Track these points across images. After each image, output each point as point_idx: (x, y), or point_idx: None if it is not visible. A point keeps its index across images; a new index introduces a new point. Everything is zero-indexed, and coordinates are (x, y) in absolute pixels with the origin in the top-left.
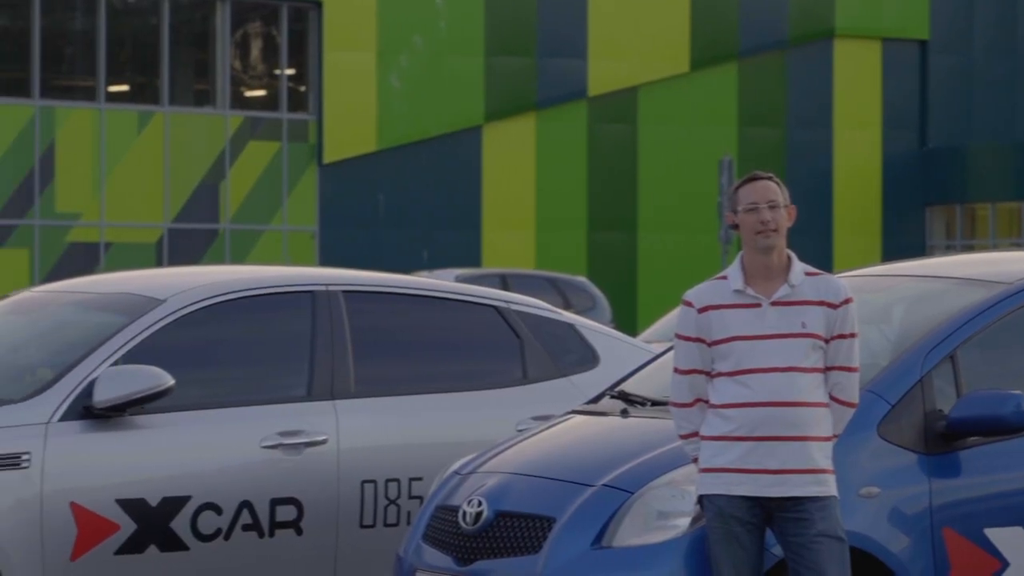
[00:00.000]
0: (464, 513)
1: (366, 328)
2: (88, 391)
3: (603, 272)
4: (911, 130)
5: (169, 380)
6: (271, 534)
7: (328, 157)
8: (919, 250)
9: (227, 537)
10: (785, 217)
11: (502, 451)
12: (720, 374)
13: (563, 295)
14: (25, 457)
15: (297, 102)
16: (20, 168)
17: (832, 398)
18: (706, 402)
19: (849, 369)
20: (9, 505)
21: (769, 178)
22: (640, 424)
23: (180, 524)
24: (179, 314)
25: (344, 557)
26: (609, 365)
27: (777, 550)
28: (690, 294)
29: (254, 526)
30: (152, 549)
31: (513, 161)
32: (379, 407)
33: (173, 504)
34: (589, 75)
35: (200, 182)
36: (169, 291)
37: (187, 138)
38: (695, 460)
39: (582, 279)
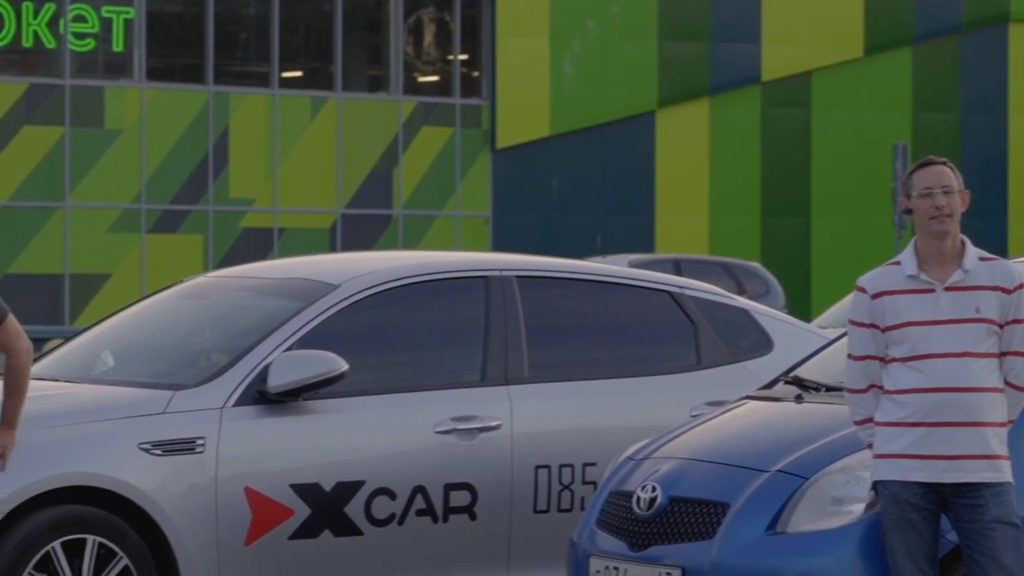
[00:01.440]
0: (638, 499)
1: (540, 313)
2: (262, 376)
3: (776, 257)
4: None
5: (343, 365)
6: (445, 519)
7: (501, 142)
8: None
9: (401, 522)
10: (959, 202)
11: (676, 437)
12: (894, 360)
13: (737, 280)
14: (200, 442)
15: (470, 87)
16: (194, 154)
17: (1007, 383)
18: (880, 388)
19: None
20: (184, 489)
21: (943, 163)
22: (814, 410)
23: (354, 509)
24: (353, 299)
25: (517, 542)
26: (783, 351)
27: (952, 536)
28: (863, 280)
29: (428, 511)
30: (326, 534)
31: (686, 146)
32: (553, 392)
33: (347, 489)
34: (763, 60)
35: (373, 168)
36: (343, 276)
37: (360, 124)
38: (870, 446)
39: (756, 264)
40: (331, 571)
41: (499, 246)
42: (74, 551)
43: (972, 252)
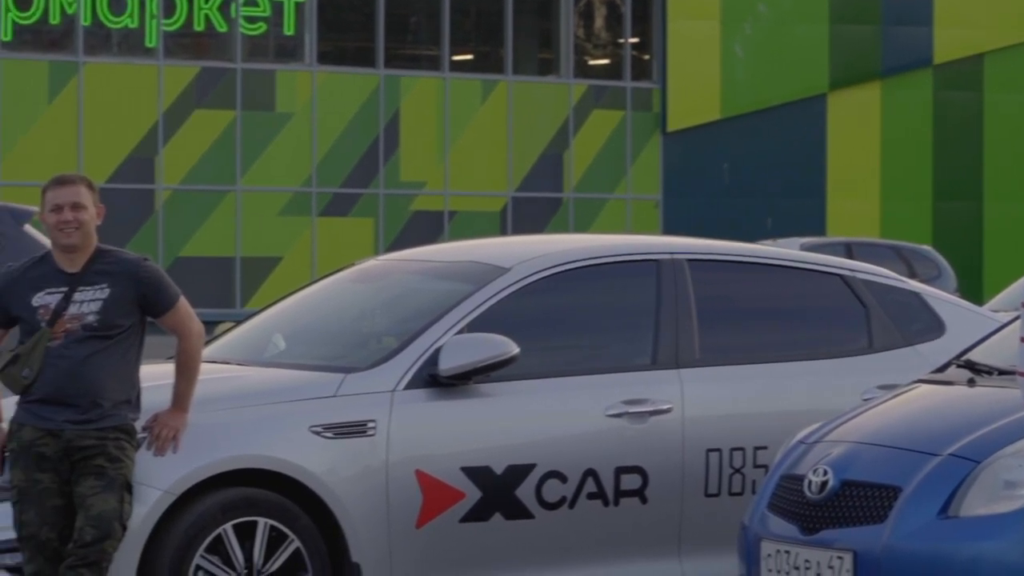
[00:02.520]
0: (809, 482)
1: (711, 296)
2: (433, 359)
3: (948, 241)
4: None
5: (514, 348)
6: (616, 503)
7: (672, 125)
8: None
9: (572, 505)
10: None
11: (847, 420)
12: None
13: (908, 264)
14: (371, 425)
15: (641, 71)
16: (365, 138)
17: None
18: None
19: None
20: (355, 472)
21: None
22: (987, 393)
23: (525, 492)
24: (524, 282)
25: (688, 526)
26: (955, 334)
27: None
28: None
29: (599, 494)
30: (497, 517)
31: (858, 129)
32: (724, 376)
33: (518, 472)
34: (935, 42)
35: (544, 151)
36: (514, 259)
37: (531, 107)
38: None
39: (927, 248)
40: (502, 554)
41: (669, 229)
42: (245, 534)
43: None
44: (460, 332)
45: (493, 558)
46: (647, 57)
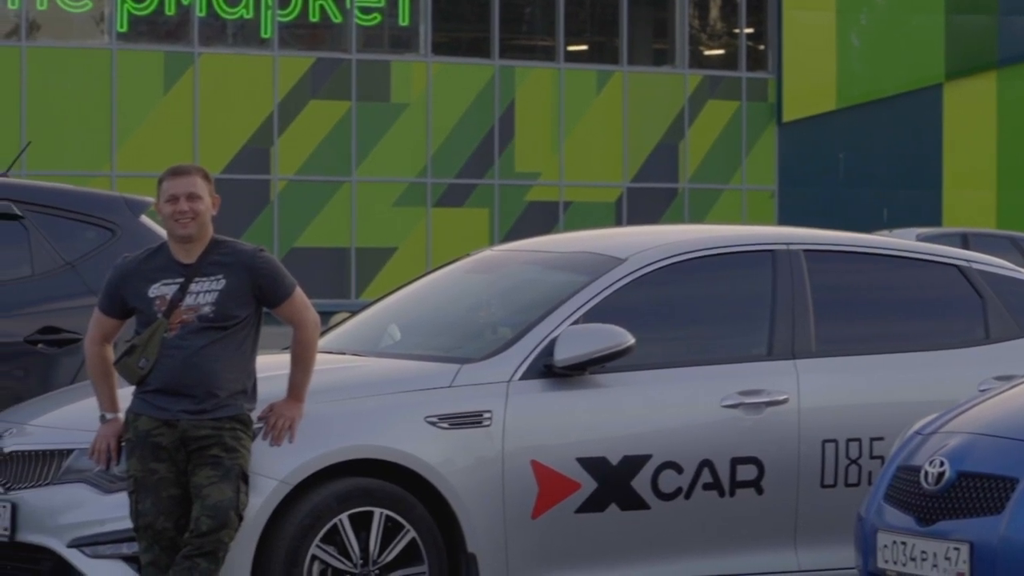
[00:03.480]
0: (926, 473)
1: (827, 287)
2: (549, 350)
3: None
4: None
5: (630, 339)
6: (731, 493)
7: (787, 116)
8: None
9: (688, 496)
10: None
11: (964, 411)
12: None
13: None
14: (487, 415)
15: (756, 61)
16: (480, 128)
17: None
18: None
19: None
20: (471, 463)
21: None
22: None
23: (641, 483)
24: (639, 273)
25: (804, 516)
26: None
27: None
28: None
29: (714, 485)
30: (613, 507)
31: (974, 119)
32: (840, 366)
33: (634, 463)
34: None
35: (659, 141)
36: (629, 250)
37: (646, 97)
38: None
39: None
40: (618, 545)
41: (785, 220)
42: (361, 524)
43: None
44: (575, 323)
45: (608, 549)
46: (762, 47)
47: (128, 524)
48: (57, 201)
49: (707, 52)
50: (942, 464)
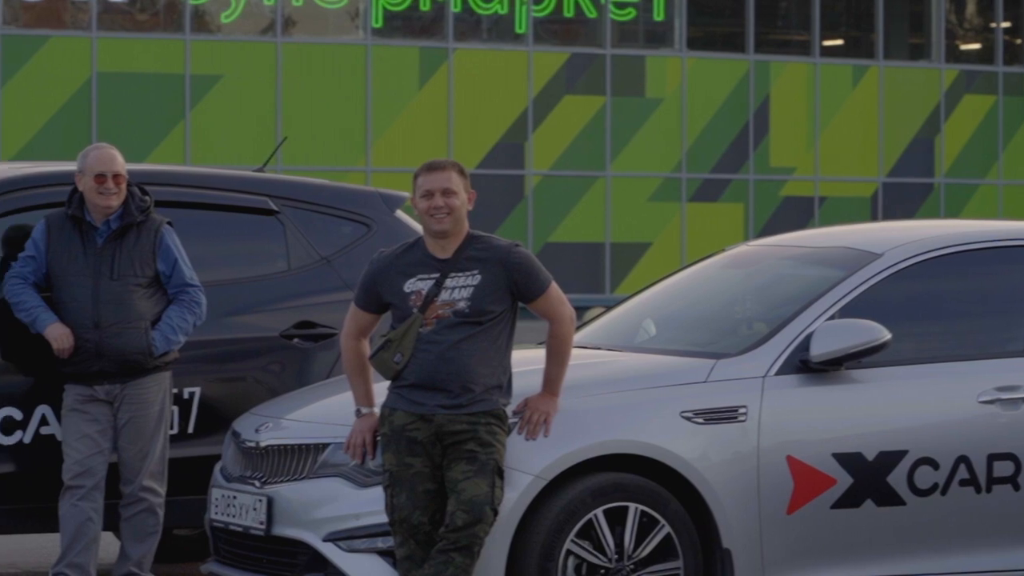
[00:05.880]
0: None
1: None
2: (805, 345)
3: None
4: None
5: (886, 334)
6: (988, 490)
7: None
8: None
9: (944, 492)
10: None
11: None
12: None
13: None
14: (742, 410)
15: (1013, 55)
16: (735, 123)
17: None
18: None
19: None
20: (726, 458)
21: None
22: None
23: (896, 478)
24: (896, 268)
25: None
26: None
27: None
28: None
29: (971, 481)
30: (868, 503)
31: None
32: None
33: (890, 458)
34: None
35: (915, 136)
36: (886, 245)
37: (902, 92)
38: None
39: None
40: (873, 540)
41: None
42: (615, 519)
43: None
44: (831, 318)
45: (864, 545)
46: (1019, 41)
47: (383, 518)
48: (313, 196)
49: (963, 46)
50: None
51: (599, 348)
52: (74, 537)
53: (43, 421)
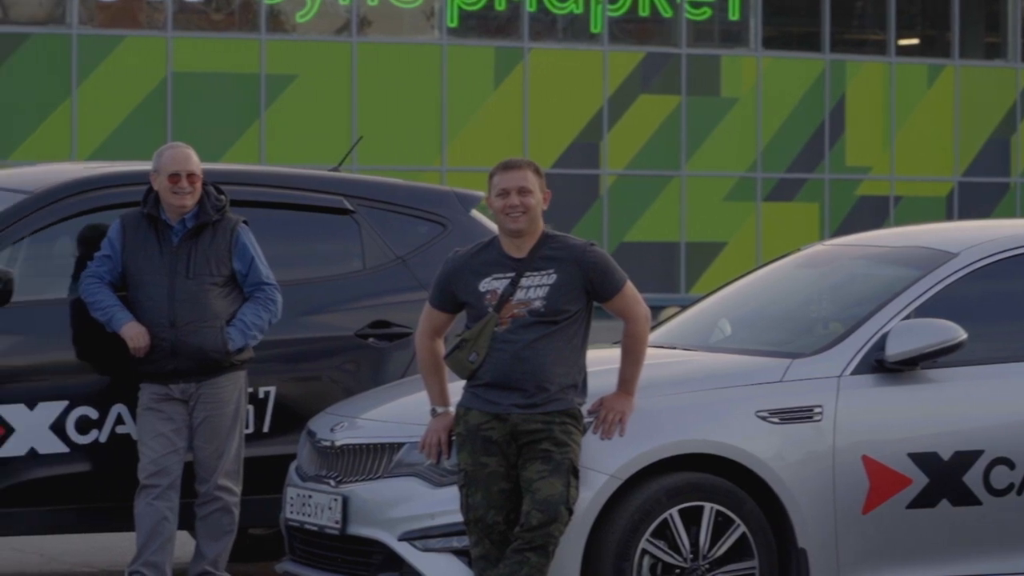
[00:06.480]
0: None
1: None
2: (880, 345)
3: None
4: None
5: (962, 334)
6: None
7: None
8: None
9: (1020, 492)
10: None
11: None
12: None
13: None
14: (818, 410)
15: None
16: (810, 122)
17: None
18: None
19: None
20: (801, 458)
21: None
22: None
23: (972, 478)
24: (972, 268)
25: None
26: None
27: None
28: None
29: None
30: (944, 503)
31: None
32: None
33: (965, 458)
34: None
35: (990, 136)
36: (962, 244)
37: (977, 91)
38: None
39: None
40: (949, 541)
41: None
42: (690, 518)
43: None
44: (907, 318)
45: (939, 545)
46: None
47: (458, 518)
48: (388, 196)
49: None
50: None
51: (674, 347)
52: (149, 536)
53: (119, 420)
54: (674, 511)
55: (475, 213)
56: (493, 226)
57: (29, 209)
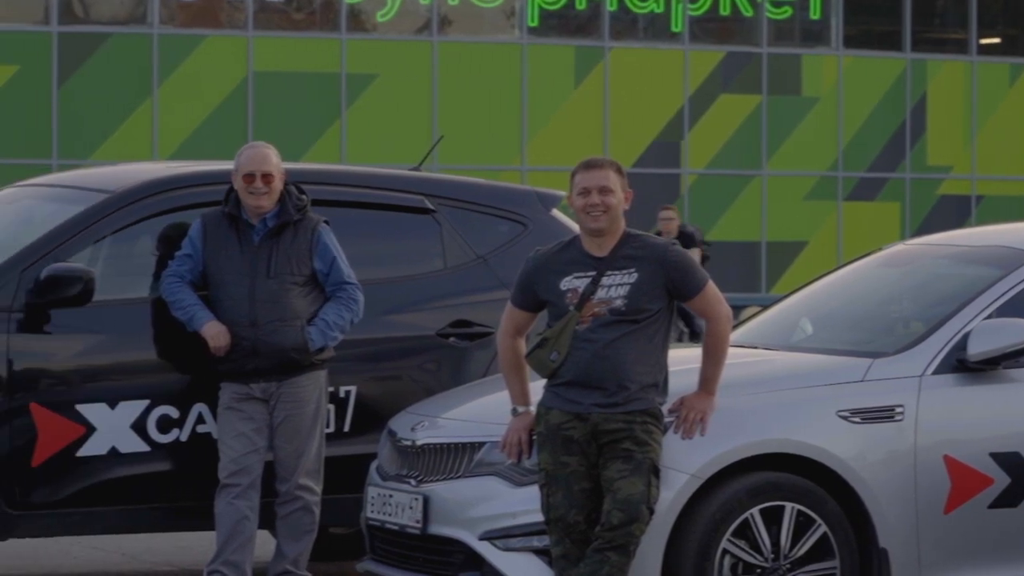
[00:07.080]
0: None
1: None
2: (962, 344)
3: None
4: None
5: None
6: None
7: None
8: None
9: None
10: None
11: None
12: None
13: None
14: (899, 410)
15: None
16: (891, 121)
17: None
18: None
19: None
20: (882, 457)
21: None
22: None
23: None
24: None
25: None
26: None
27: None
28: None
29: None
30: None
31: None
32: None
33: None
34: None
35: None
36: None
37: None
38: None
39: None
40: None
41: None
42: (771, 518)
43: None
44: (989, 317)
45: (1021, 545)
46: None
47: (539, 517)
48: (469, 195)
49: None
50: None
51: (756, 347)
52: (230, 535)
53: (200, 419)
54: (755, 511)
55: (556, 212)
56: (574, 225)
57: (110, 209)
